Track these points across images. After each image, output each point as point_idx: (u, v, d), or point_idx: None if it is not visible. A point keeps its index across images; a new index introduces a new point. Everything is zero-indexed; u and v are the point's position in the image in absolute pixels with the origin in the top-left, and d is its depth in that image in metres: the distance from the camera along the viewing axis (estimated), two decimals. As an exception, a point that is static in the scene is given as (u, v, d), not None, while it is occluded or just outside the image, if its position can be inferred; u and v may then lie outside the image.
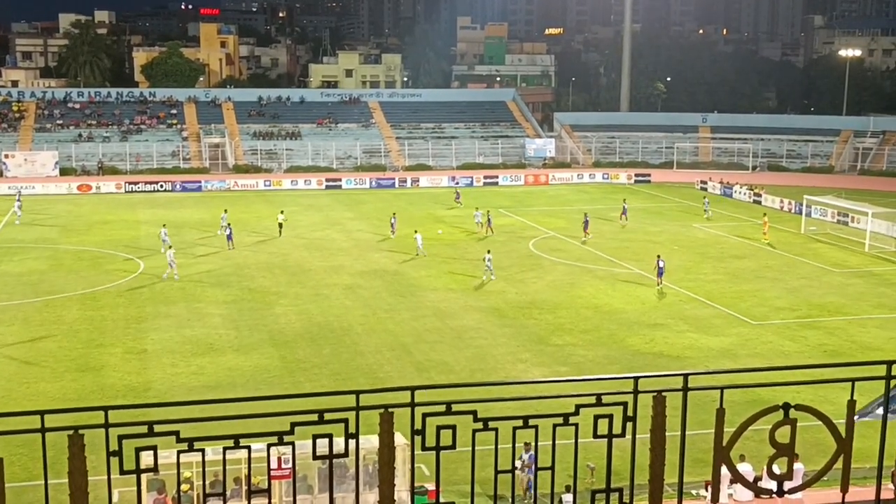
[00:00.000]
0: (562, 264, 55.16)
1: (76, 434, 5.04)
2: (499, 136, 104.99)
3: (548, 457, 6.30)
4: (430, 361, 37.03)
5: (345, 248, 59.52)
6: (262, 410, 5.72)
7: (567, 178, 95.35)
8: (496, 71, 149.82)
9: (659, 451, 5.83)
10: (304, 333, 40.67)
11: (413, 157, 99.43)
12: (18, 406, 31.31)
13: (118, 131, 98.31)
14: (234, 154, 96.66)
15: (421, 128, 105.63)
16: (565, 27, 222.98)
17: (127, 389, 33.53)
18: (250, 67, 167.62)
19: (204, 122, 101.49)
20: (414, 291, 48.32)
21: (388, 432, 5.39)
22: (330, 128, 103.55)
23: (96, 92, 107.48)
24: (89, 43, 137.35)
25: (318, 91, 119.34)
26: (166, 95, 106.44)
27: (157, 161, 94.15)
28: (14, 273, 51.50)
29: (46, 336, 39.82)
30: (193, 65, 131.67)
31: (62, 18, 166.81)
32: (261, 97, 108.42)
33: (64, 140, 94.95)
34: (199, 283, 49.71)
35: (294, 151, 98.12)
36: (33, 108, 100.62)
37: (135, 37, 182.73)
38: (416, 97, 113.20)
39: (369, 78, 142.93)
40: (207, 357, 37.29)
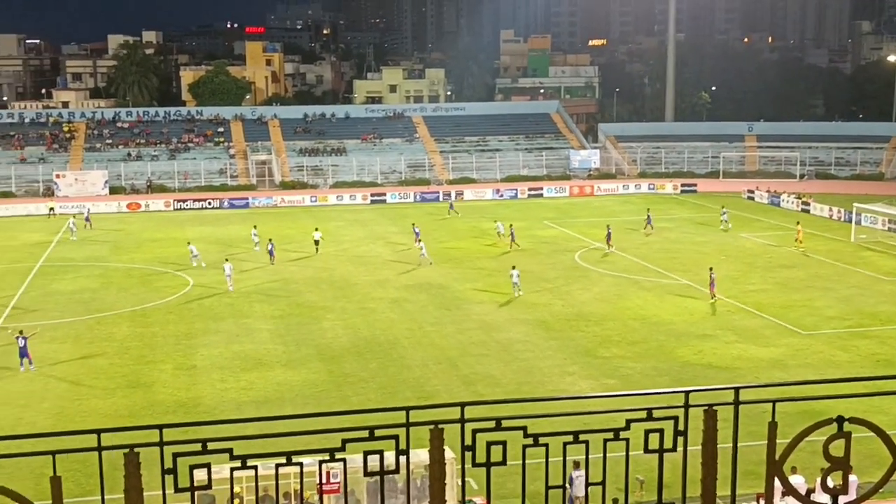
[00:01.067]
0: (608, 276, 54.87)
1: (132, 452, 5.11)
2: (543, 148, 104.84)
3: (597, 471, 6.28)
4: (477, 375, 36.99)
5: (390, 262, 59.71)
6: (313, 427, 5.76)
7: (612, 189, 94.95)
8: (540, 83, 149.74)
9: (711, 465, 5.78)
10: (350, 348, 40.83)
11: (457, 171, 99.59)
12: (71, 422, 31.77)
13: (166, 150, 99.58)
14: (281, 171, 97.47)
15: (465, 141, 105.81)
16: (609, 38, 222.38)
17: (177, 405, 33.85)
18: (295, 85, 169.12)
19: (251, 139, 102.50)
20: (459, 304, 48.33)
21: (439, 448, 5.41)
22: (374, 143, 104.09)
23: (144, 111, 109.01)
24: (137, 63, 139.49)
25: (362, 107, 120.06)
26: (213, 114, 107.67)
27: (204, 178, 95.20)
28: (66, 291, 52.29)
29: (98, 353, 40.34)
30: (240, 83, 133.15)
31: (111, 40, 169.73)
32: (306, 114, 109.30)
33: (113, 159, 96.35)
34: (247, 298, 50.12)
35: (339, 167, 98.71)
36: (83, 128, 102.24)
37: (182, 56, 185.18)
38: (460, 111, 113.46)
39: (413, 93, 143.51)
40: (256, 372, 37.55)
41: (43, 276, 56.60)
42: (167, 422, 29.58)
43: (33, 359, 38.11)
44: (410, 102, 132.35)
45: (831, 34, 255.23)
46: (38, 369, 37.95)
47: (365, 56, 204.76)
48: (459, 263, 58.73)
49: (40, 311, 48.00)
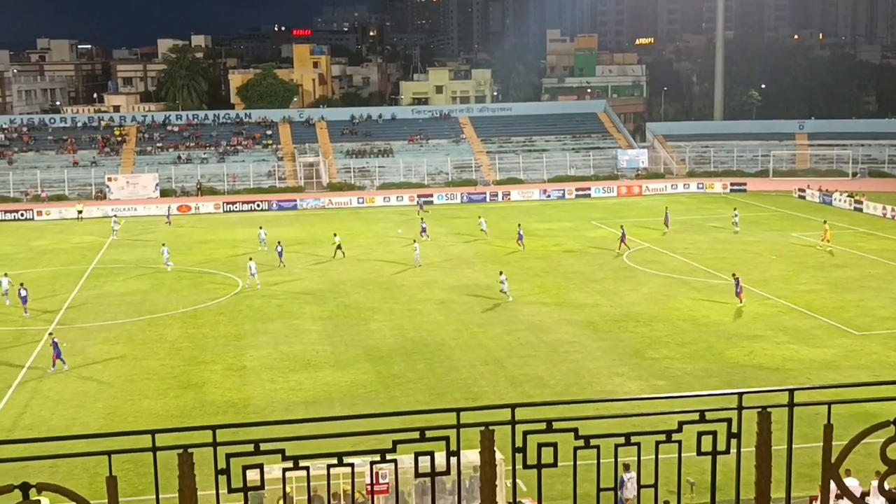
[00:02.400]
0: (657, 276, 54.47)
1: (186, 453, 5.15)
2: (590, 147, 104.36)
3: (647, 473, 6.23)
4: (525, 376, 36.90)
5: (437, 263, 59.76)
6: (364, 428, 5.78)
7: (661, 189, 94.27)
8: (587, 82, 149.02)
9: (765, 468, 5.71)
10: (398, 349, 40.94)
11: (504, 171, 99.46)
12: (124, 423, 32.20)
13: (216, 152, 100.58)
14: (328, 172, 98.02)
15: (511, 141, 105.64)
16: (656, 37, 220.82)
17: (228, 406, 34.16)
18: (342, 87, 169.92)
19: (298, 141, 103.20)
20: (507, 306, 48.26)
21: (490, 450, 5.40)
22: (421, 144, 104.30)
23: (194, 114, 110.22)
24: (186, 67, 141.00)
25: (408, 108, 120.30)
26: (261, 116, 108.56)
27: (253, 181, 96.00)
28: (118, 293, 53.00)
29: (150, 354, 40.85)
30: (287, 85, 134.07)
31: (161, 44, 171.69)
32: (353, 116, 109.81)
33: (164, 162, 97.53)
34: (296, 300, 50.45)
35: (386, 168, 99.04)
36: (134, 131, 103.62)
37: (230, 60, 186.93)
38: (507, 111, 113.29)
39: (459, 93, 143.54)
40: (305, 373, 37.79)
41: (96, 277, 57.43)
42: (218, 422, 29.85)
43: (66, 359, 38.69)
44: (457, 103, 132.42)
45: (884, 30, 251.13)
46: (88, 369, 38.52)
47: (411, 57, 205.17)
48: (507, 264, 58.60)
49: (93, 312, 48.72)
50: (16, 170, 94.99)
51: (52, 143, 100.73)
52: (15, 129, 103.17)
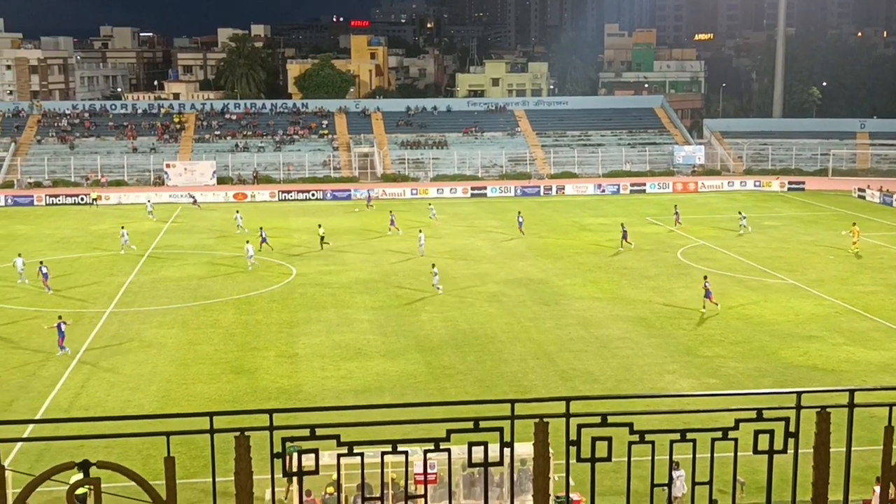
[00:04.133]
0: (711, 274, 53.86)
1: (242, 436, 5.21)
2: (646, 143, 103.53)
3: (697, 470, 6.17)
4: (575, 371, 36.75)
5: (489, 256, 59.71)
6: (418, 417, 5.80)
7: (717, 186, 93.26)
8: (644, 77, 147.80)
9: (823, 470, 5.64)
10: (449, 340, 40.98)
11: (558, 165, 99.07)
12: (177, 406, 32.64)
13: (272, 141, 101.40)
14: (383, 163, 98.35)
15: (567, 135, 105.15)
16: (716, 32, 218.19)
17: (279, 392, 34.46)
18: (399, 78, 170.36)
19: (354, 132, 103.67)
20: (558, 300, 48.09)
21: (544, 442, 5.39)
22: (476, 136, 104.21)
23: (252, 103, 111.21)
24: (245, 56, 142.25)
25: (464, 100, 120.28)
26: (318, 106, 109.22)
27: (308, 170, 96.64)
28: (174, 278, 53.68)
29: (204, 339, 41.33)
30: (344, 76, 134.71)
31: (220, 33, 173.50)
32: (409, 107, 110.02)
33: (221, 150, 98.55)
34: (348, 289, 50.71)
35: (440, 160, 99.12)
36: (193, 119, 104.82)
37: (288, 49, 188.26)
38: (563, 105, 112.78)
39: (515, 86, 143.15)
40: (356, 362, 37.99)
41: (152, 262, 58.23)
42: (268, 407, 30.05)
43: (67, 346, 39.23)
44: (513, 96, 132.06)
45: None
46: (144, 352, 39.09)
47: (468, 49, 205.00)
48: (559, 258, 58.44)
49: (150, 296, 49.44)
50: (77, 154, 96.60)
51: (113, 129, 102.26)
52: (77, 114, 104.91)
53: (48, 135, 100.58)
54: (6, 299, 48.58)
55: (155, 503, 5.17)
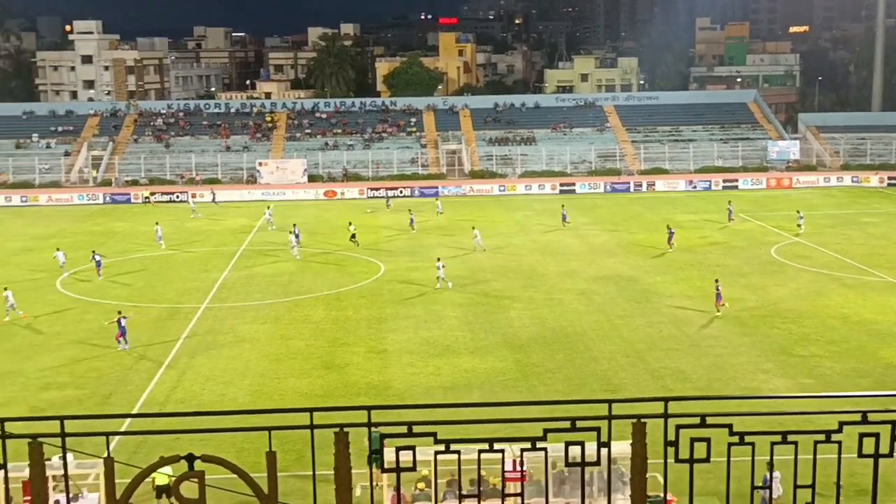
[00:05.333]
0: (807, 271, 52.73)
1: (342, 432, 5.26)
2: (739, 138, 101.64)
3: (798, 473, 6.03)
4: (666, 369, 36.31)
5: (578, 253, 59.35)
6: (510, 415, 5.80)
7: (812, 182, 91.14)
8: (737, 71, 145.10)
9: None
10: (537, 338, 40.85)
11: (649, 161, 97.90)
12: (270, 400, 33.18)
13: (361, 139, 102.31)
14: (470, 160, 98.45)
15: (657, 131, 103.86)
16: (811, 24, 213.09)
17: (369, 387, 34.78)
18: (487, 75, 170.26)
19: (442, 129, 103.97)
20: (649, 297, 47.56)
21: (641, 442, 5.33)
22: (564, 132, 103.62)
23: (341, 102, 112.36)
24: (335, 55, 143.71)
25: (552, 96, 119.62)
26: (406, 104, 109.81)
27: (396, 168, 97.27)
28: (266, 274, 54.58)
29: (295, 334, 41.93)
30: (432, 73, 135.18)
31: (311, 32, 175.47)
32: (496, 104, 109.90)
33: (312, 148, 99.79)
34: (436, 285, 50.89)
35: (528, 157, 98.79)
36: (284, 118, 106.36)
37: (377, 48, 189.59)
38: (653, 100, 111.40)
39: (605, 82, 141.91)
40: (444, 358, 38.12)
41: (246, 258, 59.30)
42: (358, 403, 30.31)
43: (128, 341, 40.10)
44: (602, 91, 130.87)
45: None
46: (237, 347, 39.82)
47: (556, 45, 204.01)
48: (649, 255, 57.79)
49: (243, 292, 50.36)
50: (172, 153, 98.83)
51: (207, 127, 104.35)
52: (172, 114, 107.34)
53: (144, 134, 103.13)
54: (102, 295, 49.98)
55: (257, 497, 5.27)
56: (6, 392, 34.73)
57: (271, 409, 5.96)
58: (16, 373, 36.95)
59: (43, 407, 32.88)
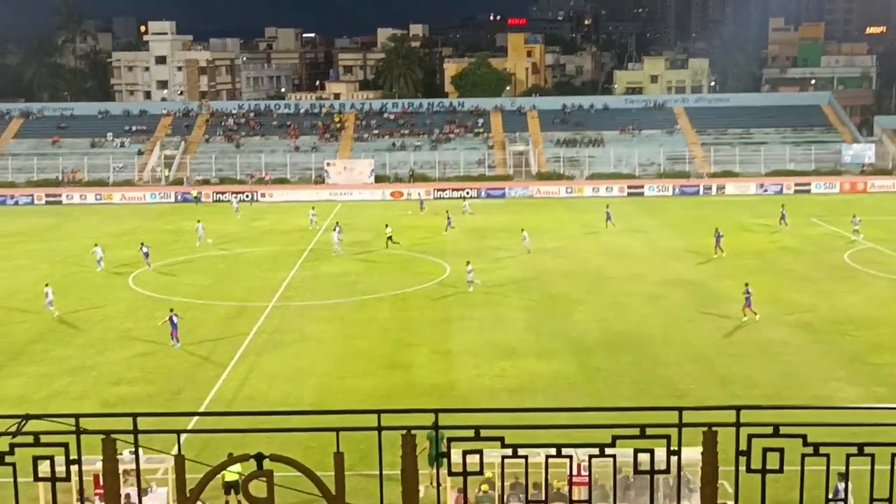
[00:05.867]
0: (882, 278, 51.57)
1: (409, 434, 5.27)
2: (812, 141, 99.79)
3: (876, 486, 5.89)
4: (734, 375, 35.77)
5: (645, 256, 58.79)
6: (579, 420, 5.75)
7: (888, 187, 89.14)
8: (811, 73, 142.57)
9: None
10: (603, 341, 40.53)
11: (719, 164, 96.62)
12: (335, 400, 33.37)
13: (428, 140, 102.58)
14: (538, 161, 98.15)
15: (728, 133, 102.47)
16: (889, 25, 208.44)
17: (433, 388, 34.80)
18: (555, 76, 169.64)
19: (509, 130, 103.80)
20: (717, 302, 46.91)
21: (712, 451, 5.25)
22: (633, 134, 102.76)
23: (409, 103, 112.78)
24: (404, 56, 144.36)
25: (622, 98, 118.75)
26: (474, 105, 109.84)
27: (463, 169, 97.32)
28: (333, 273, 54.99)
29: (360, 334, 42.15)
30: (500, 74, 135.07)
31: (380, 33, 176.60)
32: (565, 105, 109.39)
33: (379, 149, 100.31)
34: (502, 288, 50.80)
35: (596, 158, 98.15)
36: (352, 118, 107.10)
37: (445, 49, 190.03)
38: (724, 102, 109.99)
39: (674, 83, 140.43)
40: (509, 361, 38.00)
41: (312, 258, 59.81)
42: (422, 405, 30.41)
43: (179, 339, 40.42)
44: (672, 93, 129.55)
45: None
46: (303, 346, 40.15)
47: (626, 46, 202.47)
48: (718, 259, 57.01)
49: (310, 291, 50.80)
50: (242, 153, 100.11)
51: (276, 128, 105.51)
52: (243, 114, 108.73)
53: (215, 134, 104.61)
54: (173, 292, 50.77)
55: (324, 497, 5.29)
56: (79, 386, 35.47)
57: (339, 410, 5.99)
58: (89, 367, 37.72)
59: (113, 402, 33.50)
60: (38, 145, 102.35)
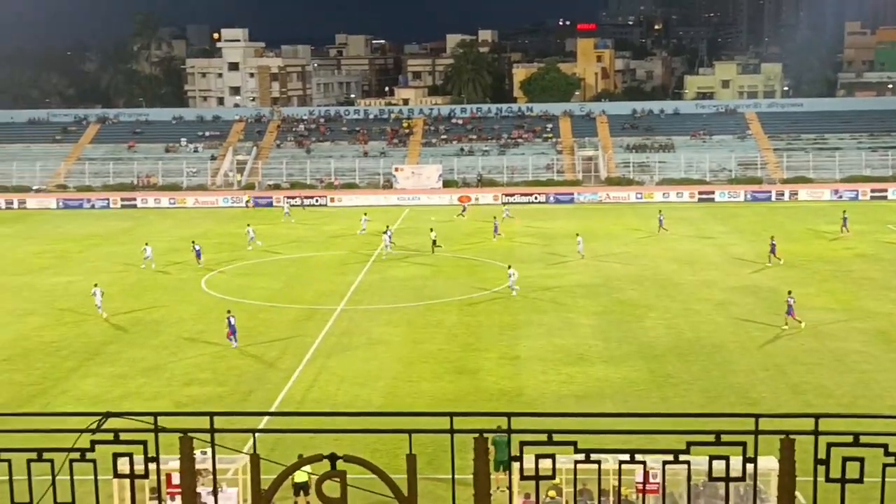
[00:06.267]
0: (961, 287, 50.22)
1: (481, 437, 5.27)
2: (889, 146, 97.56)
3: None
4: (807, 384, 35.13)
5: (716, 263, 58.05)
6: (649, 426, 5.69)
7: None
8: (888, 77, 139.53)
9: None
10: (673, 348, 40.11)
11: (791, 170, 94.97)
12: (402, 403, 33.52)
13: (496, 145, 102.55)
14: (607, 167, 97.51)
15: (801, 139, 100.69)
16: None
17: (500, 393, 34.75)
18: (625, 80, 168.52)
19: (578, 135, 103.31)
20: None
21: (790, 460, 5.16)
22: (704, 140, 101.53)
23: (477, 108, 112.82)
24: (472, 61, 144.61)
25: (692, 103, 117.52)
26: (543, 110, 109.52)
27: (532, 174, 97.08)
28: (400, 278, 55.23)
29: (428, 338, 42.27)
30: (569, 79, 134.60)
31: (449, 39, 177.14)
32: (634, 110, 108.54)
33: (447, 154, 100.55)
34: (570, 293, 50.56)
35: (666, 164, 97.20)
36: (421, 124, 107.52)
37: (514, 54, 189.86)
38: (797, 107, 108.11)
39: (746, 88, 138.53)
40: (577, 367, 37.81)
41: (380, 262, 60.14)
42: (490, 409, 30.31)
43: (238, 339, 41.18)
44: (744, 98, 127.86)
45: None
46: (372, 349, 40.38)
47: (697, 51, 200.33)
48: (791, 266, 56.05)
49: (377, 295, 51.09)
50: (313, 158, 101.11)
51: (346, 133, 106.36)
52: (313, 120, 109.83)
53: (286, 139, 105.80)
54: (244, 294, 51.42)
55: (397, 498, 5.32)
56: (153, 387, 36.12)
57: (411, 412, 6.02)
58: (162, 368, 38.40)
59: (186, 402, 34.06)
60: (114, 150, 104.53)
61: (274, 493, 5.45)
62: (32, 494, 6.01)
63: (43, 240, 71.52)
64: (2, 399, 34.80)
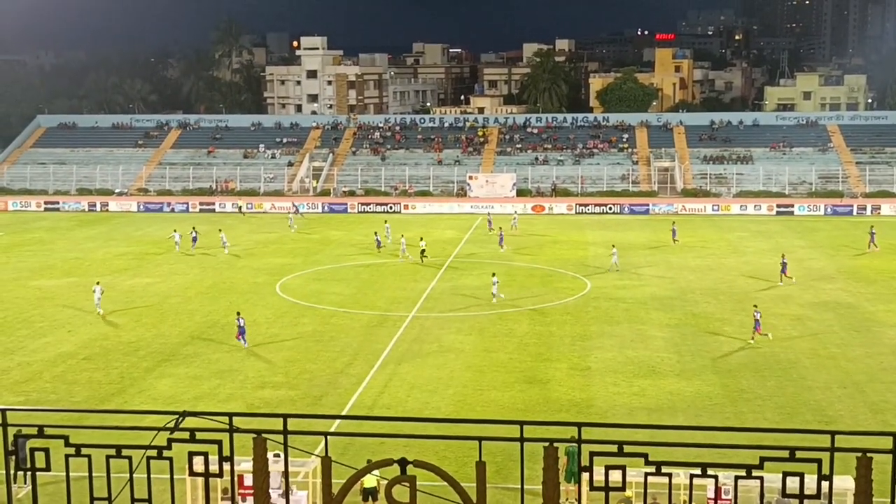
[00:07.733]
0: None
1: (551, 446, 5.26)
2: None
3: None
4: (887, 403, 34.28)
5: (794, 277, 56.93)
6: (721, 440, 5.63)
7: None
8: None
9: None
10: (747, 363, 39.46)
11: (875, 184, 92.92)
12: (472, 411, 33.51)
13: (571, 155, 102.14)
14: (683, 178, 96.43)
15: (885, 152, 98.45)
16: None
17: (570, 404, 34.54)
18: (703, 91, 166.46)
19: (654, 145, 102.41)
20: (870, 326, 45.08)
21: (867, 478, 5.05)
22: (784, 152, 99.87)
23: (553, 117, 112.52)
24: (549, 71, 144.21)
25: (772, 114, 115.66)
26: (619, 120, 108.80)
27: (606, 184, 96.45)
28: (472, 286, 55.25)
29: (499, 347, 42.20)
30: (647, 90, 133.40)
31: (526, 48, 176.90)
32: (713, 121, 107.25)
33: (521, 163, 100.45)
34: (643, 305, 50.08)
35: (744, 176, 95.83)
36: (496, 132, 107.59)
37: (591, 63, 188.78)
38: (882, 119, 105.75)
39: (829, 100, 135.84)
40: (649, 379, 37.42)
41: (453, 270, 60.27)
42: (560, 419, 30.13)
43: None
44: (825, 110, 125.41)
45: None
46: (442, 357, 40.45)
47: (778, 62, 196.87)
48: (872, 282, 54.80)
49: (449, 302, 51.18)
50: (387, 165, 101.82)
51: (421, 141, 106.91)
52: (389, 127, 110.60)
53: (362, 146, 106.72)
54: (318, 300, 51.94)
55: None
56: (227, 389, 36.66)
57: (481, 419, 6.04)
58: (236, 371, 38.95)
59: (258, 405, 34.50)
60: (194, 155, 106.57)
61: (344, 497, 5.50)
62: (111, 490, 6.15)
63: (124, 242, 73.18)
64: (81, 396, 35.66)
